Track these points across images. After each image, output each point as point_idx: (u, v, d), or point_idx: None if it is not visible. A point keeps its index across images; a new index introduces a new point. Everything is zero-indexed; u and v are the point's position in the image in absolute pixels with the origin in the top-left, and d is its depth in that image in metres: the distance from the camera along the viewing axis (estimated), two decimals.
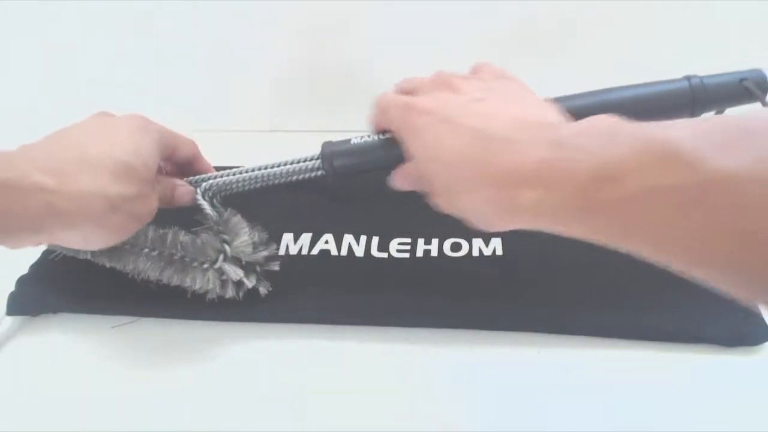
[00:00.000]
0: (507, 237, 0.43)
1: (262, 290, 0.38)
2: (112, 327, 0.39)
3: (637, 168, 0.21)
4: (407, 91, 0.34)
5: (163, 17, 0.57)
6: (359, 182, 0.38)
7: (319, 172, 0.38)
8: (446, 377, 0.35)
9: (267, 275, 0.39)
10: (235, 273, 0.37)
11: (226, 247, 0.37)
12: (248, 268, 0.38)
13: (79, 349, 0.38)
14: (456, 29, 0.55)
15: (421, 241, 0.43)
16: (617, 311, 0.37)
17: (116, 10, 0.56)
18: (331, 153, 0.37)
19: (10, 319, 0.39)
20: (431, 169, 0.29)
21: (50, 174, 0.30)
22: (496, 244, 0.43)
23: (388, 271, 0.42)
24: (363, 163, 0.37)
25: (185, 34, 0.58)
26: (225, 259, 0.37)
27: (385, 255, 0.43)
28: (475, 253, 0.42)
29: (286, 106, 0.61)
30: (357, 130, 0.38)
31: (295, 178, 0.39)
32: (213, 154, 0.42)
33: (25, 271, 0.41)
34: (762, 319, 0.36)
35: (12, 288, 0.40)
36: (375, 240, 0.44)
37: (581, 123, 0.25)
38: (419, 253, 0.43)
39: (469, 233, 0.44)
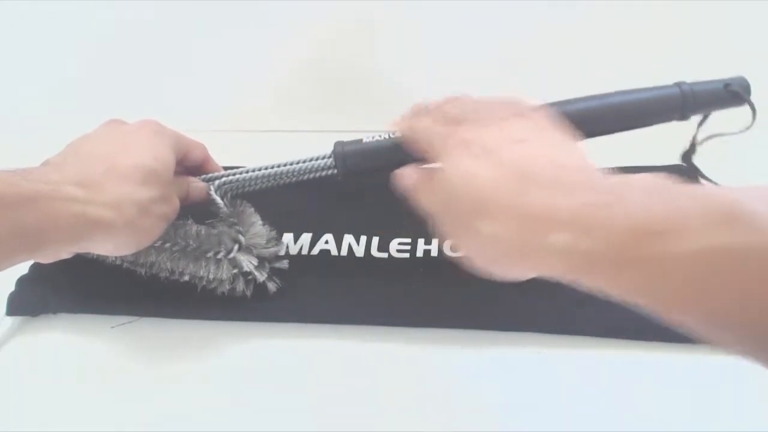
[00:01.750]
0: None
1: (271, 287, 0.38)
2: (112, 327, 0.39)
3: (701, 226, 0.19)
4: (440, 115, 0.33)
5: (166, 18, 0.57)
6: (365, 181, 0.39)
7: (331, 171, 0.39)
8: (446, 377, 0.35)
9: (275, 273, 0.39)
10: (249, 263, 0.37)
11: (241, 237, 0.37)
12: (259, 262, 0.38)
13: (79, 350, 0.38)
14: (456, 32, 0.55)
15: (421, 242, 0.43)
16: (617, 311, 0.37)
17: (118, 9, 0.56)
18: (343, 152, 0.38)
19: (9, 320, 0.39)
20: (459, 187, 0.28)
21: (81, 185, 0.31)
22: None
23: (388, 271, 0.41)
24: (375, 162, 0.38)
25: (187, 34, 0.58)
26: (240, 249, 0.37)
27: (385, 255, 0.43)
28: None
29: (286, 107, 0.61)
30: (357, 130, 0.39)
31: (306, 177, 0.39)
32: (214, 154, 0.42)
33: (25, 271, 0.41)
34: None
35: (12, 288, 0.40)
36: (375, 240, 0.44)
37: (626, 176, 0.24)
38: (419, 253, 0.43)
39: None
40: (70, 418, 0.34)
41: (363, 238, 0.44)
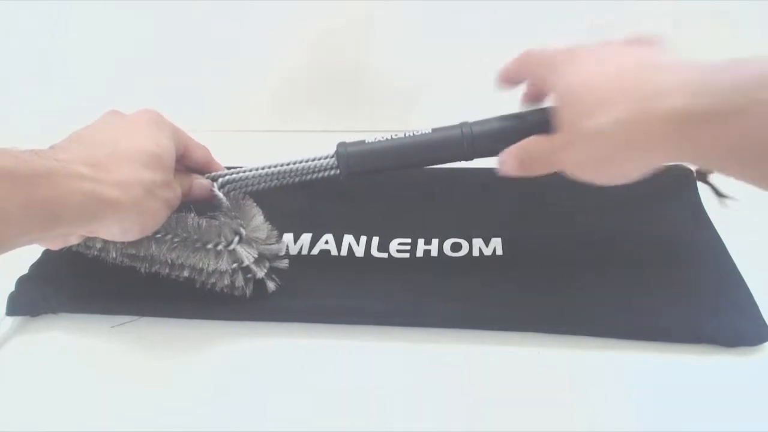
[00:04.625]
0: (507, 237, 0.43)
1: (271, 285, 0.38)
2: (112, 327, 0.39)
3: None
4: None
5: (166, 18, 0.57)
6: (366, 181, 0.39)
7: (333, 172, 0.39)
8: (446, 377, 0.35)
9: (275, 272, 0.39)
10: (248, 255, 0.37)
11: (242, 229, 0.37)
12: (259, 259, 0.38)
13: (79, 349, 0.38)
14: (456, 32, 0.55)
15: (421, 242, 0.43)
16: (617, 311, 0.37)
17: (119, 8, 0.56)
18: (346, 153, 0.38)
19: (10, 320, 0.39)
20: (577, 90, 0.30)
21: (89, 165, 0.31)
22: (496, 244, 0.43)
23: (388, 272, 0.41)
24: (378, 163, 0.38)
25: (186, 34, 0.58)
26: (241, 241, 0.37)
27: (385, 255, 0.43)
28: (476, 253, 0.42)
29: (286, 107, 0.61)
30: (357, 130, 0.39)
31: (309, 177, 0.39)
32: (214, 154, 0.42)
33: (25, 271, 0.41)
34: (762, 319, 0.36)
35: (12, 288, 0.40)
36: (375, 240, 0.44)
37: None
38: (419, 254, 0.43)
39: (469, 233, 0.44)
40: (71, 419, 0.34)
41: (363, 239, 0.44)
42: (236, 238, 0.37)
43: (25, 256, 0.42)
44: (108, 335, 0.38)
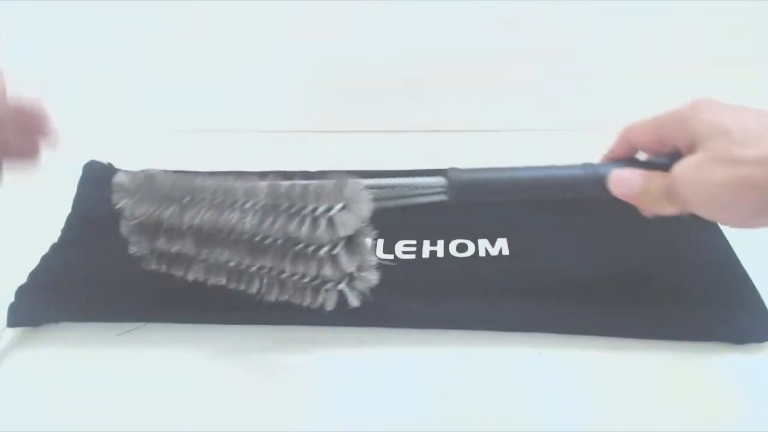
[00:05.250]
0: (513, 237, 0.43)
1: (353, 299, 0.34)
2: (117, 335, 0.38)
3: None
4: None
5: (170, 17, 0.56)
6: None
7: (440, 197, 0.36)
8: (446, 377, 0.35)
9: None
10: (347, 227, 0.32)
11: (347, 194, 0.32)
12: (352, 250, 0.33)
13: (84, 360, 0.37)
14: (462, 32, 0.55)
15: (426, 243, 0.43)
16: (624, 311, 0.37)
17: (123, 7, 0.55)
18: (460, 181, 0.35)
19: (11, 331, 0.39)
20: (728, 127, 0.31)
21: None
22: (502, 245, 0.43)
23: (393, 273, 0.41)
24: (491, 195, 0.36)
25: (190, 34, 0.57)
26: (343, 209, 0.31)
27: (390, 257, 0.42)
28: (482, 253, 0.42)
29: (290, 107, 0.61)
30: (360, 130, 0.38)
31: (415, 200, 0.36)
32: (214, 155, 0.42)
33: (24, 281, 0.41)
34: None
35: (12, 299, 0.39)
36: (380, 242, 0.44)
37: None
38: (425, 254, 0.43)
39: (475, 234, 0.44)
40: None
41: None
42: (339, 205, 0.31)
43: (25, 267, 0.41)
44: (114, 344, 0.38)
